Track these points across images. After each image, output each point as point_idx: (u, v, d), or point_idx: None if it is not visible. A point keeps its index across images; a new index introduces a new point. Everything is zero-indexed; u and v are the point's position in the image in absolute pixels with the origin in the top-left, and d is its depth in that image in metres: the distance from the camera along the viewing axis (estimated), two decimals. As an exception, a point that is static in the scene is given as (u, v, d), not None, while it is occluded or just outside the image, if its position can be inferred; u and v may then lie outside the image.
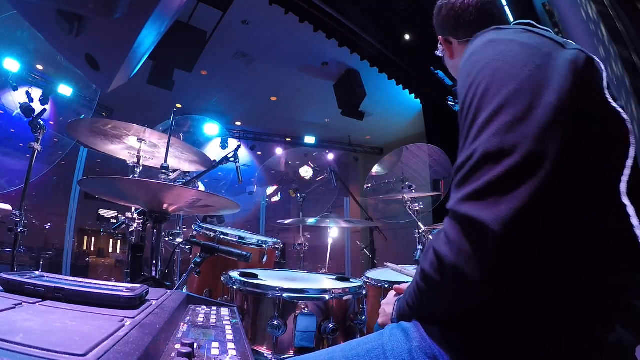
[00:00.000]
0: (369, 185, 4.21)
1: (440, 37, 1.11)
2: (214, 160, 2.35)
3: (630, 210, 0.65)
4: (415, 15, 4.81)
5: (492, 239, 0.58)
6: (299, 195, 3.54)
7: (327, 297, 1.47)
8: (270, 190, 7.45)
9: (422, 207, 3.18)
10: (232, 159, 2.39)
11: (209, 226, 2.35)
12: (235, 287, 1.54)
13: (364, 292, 1.65)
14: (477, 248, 0.59)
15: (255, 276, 1.65)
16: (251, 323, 1.46)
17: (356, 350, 0.77)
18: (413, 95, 6.63)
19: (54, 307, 0.56)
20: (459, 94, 0.74)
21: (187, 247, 2.44)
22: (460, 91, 0.74)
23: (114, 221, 2.75)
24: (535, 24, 0.82)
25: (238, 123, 9.10)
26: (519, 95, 0.63)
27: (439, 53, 1.14)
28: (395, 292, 1.04)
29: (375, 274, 2.15)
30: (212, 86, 7.40)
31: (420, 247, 2.77)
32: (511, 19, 5.01)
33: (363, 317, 1.59)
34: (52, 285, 0.61)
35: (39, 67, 5.78)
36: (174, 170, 2.36)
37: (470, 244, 0.60)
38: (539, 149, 0.60)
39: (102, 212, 8.62)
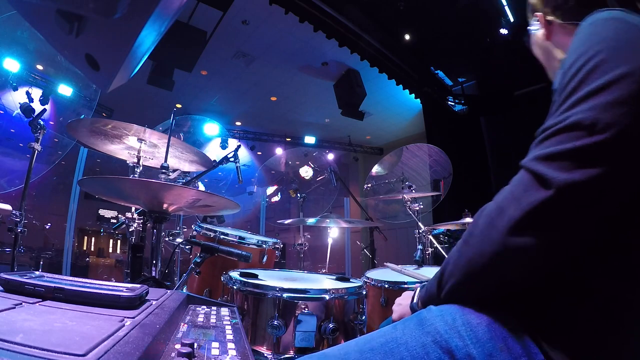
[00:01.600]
0: (369, 185, 4.21)
1: (539, 13, 1.03)
2: (214, 160, 2.35)
3: None
4: (415, 15, 4.81)
5: (556, 202, 0.59)
6: (299, 195, 3.54)
7: (327, 297, 1.47)
8: (270, 190, 7.45)
9: (422, 207, 3.18)
10: (232, 159, 2.39)
11: (209, 226, 2.35)
12: (235, 287, 1.54)
13: (364, 292, 1.65)
14: (541, 209, 0.61)
15: (255, 276, 1.65)
16: (251, 323, 1.46)
17: (370, 344, 0.75)
18: (413, 95, 6.63)
19: (54, 307, 0.56)
20: (566, 59, 0.73)
21: (187, 247, 2.44)
22: (569, 57, 0.72)
23: (114, 221, 2.75)
24: None
25: (238, 123, 9.10)
26: (627, 80, 0.63)
27: (532, 30, 1.06)
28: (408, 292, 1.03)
29: (375, 274, 2.15)
30: (212, 86, 7.41)
31: (420, 247, 2.76)
32: (511, 18, 5.01)
33: (363, 317, 1.59)
34: (52, 285, 0.61)
35: (39, 67, 5.78)
36: (174, 170, 2.36)
37: (535, 204, 0.61)
38: (630, 137, 0.60)
39: (102, 212, 8.63)
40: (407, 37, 5.44)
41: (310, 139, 9.22)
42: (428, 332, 0.71)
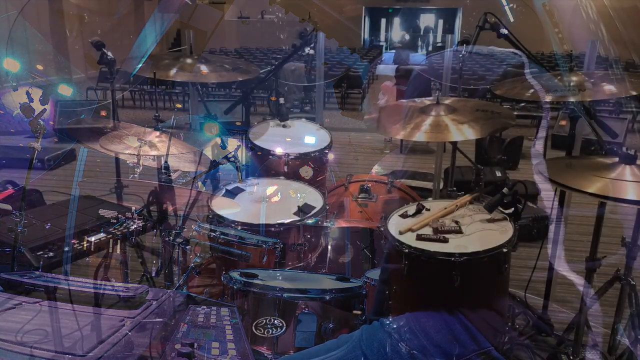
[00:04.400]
0: (369, 185, 4.20)
1: None
2: (214, 160, 2.35)
3: None
4: (414, 15, 4.81)
5: None
6: (299, 195, 3.52)
7: (327, 297, 1.47)
8: (270, 190, 7.44)
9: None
10: (232, 159, 2.38)
11: (209, 226, 2.34)
12: (235, 287, 1.54)
13: (364, 292, 1.65)
14: None
15: (255, 276, 1.65)
16: (251, 323, 1.45)
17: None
18: (413, 95, 6.65)
19: (54, 307, 0.56)
20: None
21: (187, 247, 2.43)
22: None
23: (114, 221, 2.74)
24: None
25: (238, 123, 9.11)
26: None
27: None
28: None
29: (376, 274, 2.15)
30: (211, 86, 7.40)
31: (420, 247, 2.75)
32: (511, 18, 5.01)
33: (363, 317, 1.59)
34: (52, 285, 0.61)
35: (39, 67, 5.78)
36: (175, 171, 2.36)
37: None
38: None
39: (102, 212, 8.61)
40: (406, 37, 5.45)
41: (310, 139, 9.22)
42: (386, 332, 0.79)
